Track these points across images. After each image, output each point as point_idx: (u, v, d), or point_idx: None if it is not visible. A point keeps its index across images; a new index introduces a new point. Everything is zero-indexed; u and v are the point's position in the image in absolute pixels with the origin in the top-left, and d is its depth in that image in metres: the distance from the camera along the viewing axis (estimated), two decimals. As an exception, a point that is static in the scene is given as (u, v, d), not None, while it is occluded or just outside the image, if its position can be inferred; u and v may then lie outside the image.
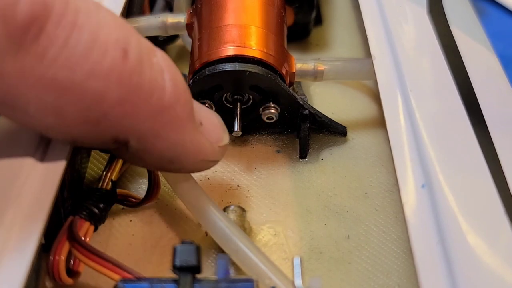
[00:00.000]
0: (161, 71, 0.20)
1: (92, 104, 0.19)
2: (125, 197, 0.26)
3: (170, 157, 0.21)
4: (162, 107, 0.20)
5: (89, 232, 0.23)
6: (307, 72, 0.30)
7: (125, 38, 0.19)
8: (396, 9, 0.31)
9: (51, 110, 0.19)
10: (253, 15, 0.29)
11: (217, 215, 0.24)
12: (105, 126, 0.19)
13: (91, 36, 0.18)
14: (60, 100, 0.18)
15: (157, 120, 0.20)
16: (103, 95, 0.19)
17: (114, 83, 0.19)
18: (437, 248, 0.20)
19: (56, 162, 0.22)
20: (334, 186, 0.28)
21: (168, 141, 0.21)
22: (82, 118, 0.19)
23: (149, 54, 0.20)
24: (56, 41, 0.17)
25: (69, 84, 0.18)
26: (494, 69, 0.28)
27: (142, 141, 0.20)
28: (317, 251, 0.25)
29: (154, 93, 0.20)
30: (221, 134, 0.23)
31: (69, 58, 0.18)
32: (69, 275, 0.22)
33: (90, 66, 0.18)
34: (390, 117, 0.25)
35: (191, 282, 0.19)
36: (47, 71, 0.18)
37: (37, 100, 0.18)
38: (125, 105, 0.19)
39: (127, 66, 0.19)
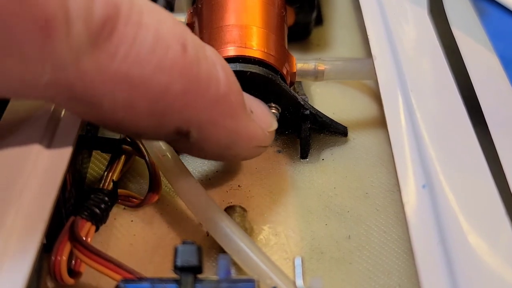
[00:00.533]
0: (214, 63, 0.21)
1: (159, 97, 0.20)
2: (127, 197, 0.26)
3: (227, 144, 0.23)
4: (219, 97, 0.21)
5: (91, 233, 0.23)
6: (308, 72, 0.30)
7: (183, 34, 0.21)
8: (397, 9, 0.31)
9: (123, 104, 0.20)
10: (253, 15, 0.29)
11: (218, 215, 0.24)
12: (170, 117, 0.21)
13: (155, 33, 0.20)
14: (131, 94, 0.20)
15: (215, 109, 0.21)
16: (168, 88, 0.20)
17: (177, 75, 0.20)
18: (438, 248, 0.20)
19: (57, 162, 0.22)
20: (335, 186, 0.28)
21: (225, 128, 0.22)
22: (150, 111, 0.20)
23: (202, 48, 0.21)
24: (126, 39, 0.19)
25: (139, 79, 0.19)
26: (495, 69, 0.28)
27: (202, 130, 0.22)
28: (318, 251, 0.25)
29: (211, 84, 0.21)
30: (270, 120, 0.25)
31: (137, 54, 0.19)
32: (71, 275, 0.22)
33: (156, 61, 0.19)
34: (391, 117, 0.25)
35: (193, 282, 0.19)
36: (120, 68, 0.19)
37: (111, 95, 0.19)
38: (187, 96, 0.20)
39: (187, 59, 0.20)
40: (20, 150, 0.22)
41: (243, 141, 0.23)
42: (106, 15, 0.18)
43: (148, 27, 0.19)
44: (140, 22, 0.19)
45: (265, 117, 0.25)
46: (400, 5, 0.31)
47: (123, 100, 0.20)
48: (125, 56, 0.19)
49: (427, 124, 0.24)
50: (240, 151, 0.24)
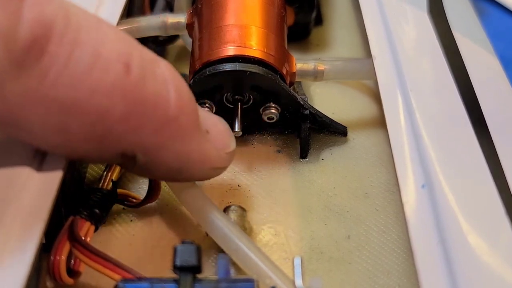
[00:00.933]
0: (165, 82, 0.20)
1: (97, 121, 0.19)
2: (126, 197, 0.26)
3: (178, 167, 0.21)
4: (167, 119, 0.20)
5: (90, 232, 0.23)
6: (308, 72, 0.30)
7: (127, 52, 0.19)
8: (396, 9, 0.31)
9: (56, 129, 0.18)
10: (253, 15, 0.29)
11: (216, 215, 0.24)
12: (111, 141, 0.19)
13: (93, 53, 0.18)
14: (64, 119, 0.18)
15: (163, 132, 0.20)
16: (107, 111, 0.18)
17: (118, 98, 0.18)
18: (438, 248, 0.20)
19: (56, 162, 0.22)
20: (335, 186, 0.28)
21: (174, 152, 0.20)
22: (88, 135, 0.19)
23: (152, 66, 0.20)
24: (58, 60, 0.17)
25: (73, 103, 0.18)
26: (494, 69, 0.28)
27: (149, 154, 0.20)
28: (317, 251, 0.25)
29: (158, 106, 0.19)
30: (228, 141, 0.23)
31: (71, 76, 0.18)
32: (70, 275, 0.22)
33: (93, 83, 0.18)
34: (391, 117, 0.25)
35: (192, 282, 0.19)
36: (50, 91, 0.17)
37: (41, 120, 0.18)
38: (129, 120, 0.19)
39: (130, 80, 0.19)
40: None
41: (195, 164, 0.22)
42: (33, 36, 0.17)
43: (85, 46, 0.18)
44: (76, 41, 0.18)
45: (222, 137, 0.23)
46: (400, 5, 0.31)
47: (56, 125, 0.18)
48: (56, 79, 0.17)
49: (427, 124, 0.24)
50: (193, 174, 0.22)
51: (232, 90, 0.28)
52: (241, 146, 0.30)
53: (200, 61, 0.28)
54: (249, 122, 0.29)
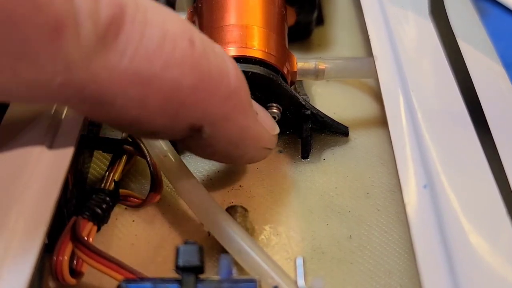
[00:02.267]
0: (223, 59, 0.22)
1: (171, 93, 0.20)
2: (128, 197, 0.26)
3: (237, 141, 0.23)
4: (230, 92, 0.21)
5: (92, 233, 0.23)
6: (309, 71, 0.30)
7: (189, 30, 0.21)
8: (398, 9, 0.31)
9: (136, 103, 0.20)
10: (254, 15, 0.29)
11: (219, 215, 0.24)
12: (183, 113, 0.21)
13: (161, 30, 0.20)
14: (143, 92, 0.20)
15: (227, 104, 0.22)
16: (179, 83, 0.20)
17: (187, 70, 0.20)
18: (439, 248, 0.20)
19: (59, 162, 0.22)
20: (336, 186, 0.28)
21: (236, 124, 0.22)
22: (163, 108, 0.20)
23: (210, 44, 0.22)
24: (133, 37, 0.19)
25: (150, 76, 0.19)
26: (496, 69, 0.28)
27: (215, 126, 0.22)
28: (319, 251, 0.25)
29: (222, 79, 0.21)
30: (273, 124, 0.26)
31: (146, 51, 0.19)
32: (72, 275, 0.22)
33: (166, 57, 0.20)
34: (392, 117, 0.25)
35: (194, 282, 0.19)
36: (129, 66, 0.19)
37: (123, 93, 0.19)
38: (199, 91, 0.21)
39: (195, 54, 0.20)
40: (22, 151, 0.22)
41: (251, 140, 0.24)
42: (112, 15, 0.19)
43: (154, 25, 0.20)
44: (145, 20, 0.19)
45: (269, 120, 0.25)
46: (401, 5, 0.31)
47: (135, 98, 0.20)
48: (134, 54, 0.19)
49: (428, 124, 0.24)
50: (248, 150, 0.24)
51: (233, 91, 0.28)
52: (242, 146, 0.30)
53: (201, 61, 0.28)
54: (250, 122, 0.29)
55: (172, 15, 0.21)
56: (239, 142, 0.23)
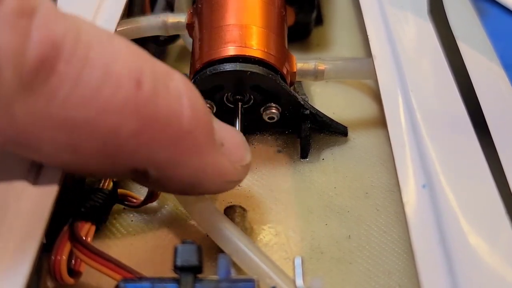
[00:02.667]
0: (179, 96, 0.19)
1: (107, 139, 0.18)
2: (126, 197, 0.26)
3: (192, 182, 0.21)
4: (180, 134, 0.19)
5: (90, 232, 0.23)
6: (308, 71, 0.30)
7: (139, 67, 0.19)
8: (397, 9, 0.31)
9: (66, 148, 0.18)
10: (254, 15, 0.29)
11: (216, 216, 0.24)
12: (122, 158, 0.19)
13: (103, 70, 0.18)
14: (74, 138, 0.18)
15: (176, 148, 0.19)
16: (118, 129, 0.18)
17: (129, 115, 0.18)
18: (438, 248, 0.20)
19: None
20: (335, 186, 0.28)
21: (188, 167, 0.20)
22: (98, 153, 0.19)
23: (165, 79, 0.19)
24: (67, 80, 0.17)
25: (83, 122, 0.18)
26: (495, 69, 0.28)
27: (161, 170, 0.20)
28: (318, 251, 0.25)
29: (171, 121, 0.19)
30: (243, 153, 0.22)
31: (81, 96, 0.17)
32: (71, 275, 0.22)
33: (103, 102, 0.18)
34: (391, 117, 0.25)
35: (192, 282, 0.19)
36: (59, 111, 0.17)
37: (50, 139, 0.18)
38: (141, 137, 0.19)
39: (141, 96, 0.18)
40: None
41: (210, 178, 0.21)
42: (42, 56, 0.16)
43: (95, 64, 0.17)
44: (86, 59, 0.17)
45: (237, 150, 0.22)
46: (400, 5, 0.31)
47: (65, 144, 0.18)
48: (66, 99, 0.17)
49: (427, 124, 0.24)
50: (207, 188, 0.22)
51: (232, 90, 0.28)
52: (241, 146, 0.30)
53: (200, 61, 0.28)
54: (249, 122, 0.29)
55: (124, 48, 0.19)
56: (195, 183, 0.21)
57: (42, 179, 0.21)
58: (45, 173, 0.21)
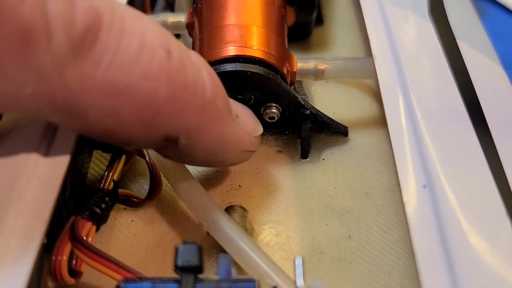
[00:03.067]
0: (199, 69, 0.21)
1: (146, 104, 0.20)
2: (127, 197, 0.26)
3: (215, 149, 0.23)
4: (205, 102, 0.21)
5: (91, 232, 0.23)
6: (308, 71, 0.30)
7: (167, 39, 0.20)
8: (397, 9, 0.31)
9: (110, 113, 0.19)
10: (254, 15, 0.29)
11: (218, 215, 0.24)
12: (158, 124, 0.20)
13: (139, 40, 0.19)
14: (118, 103, 0.19)
15: (202, 114, 0.21)
16: (155, 95, 0.20)
17: (163, 82, 0.20)
18: (439, 248, 0.20)
19: (58, 162, 0.22)
20: (336, 186, 0.28)
21: (212, 133, 0.22)
22: (138, 119, 0.20)
23: (187, 54, 0.21)
24: (109, 47, 0.18)
25: (125, 87, 0.19)
26: (495, 69, 0.28)
27: (190, 136, 0.21)
28: (318, 251, 0.25)
29: (197, 90, 0.21)
30: (256, 125, 0.25)
31: (122, 62, 0.19)
32: (71, 275, 0.22)
33: (142, 68, 0.19)
34: (391, 117, 0.25)
35: (193, 282, 0.19)
36: (104, 76, 0.18)
37: (96, 104, 0.19)
38: (174, 103, 0.20)
39: (172, 65, 0.20)
40: (21, 150, 0.22)
41: (230, 146, 0.23)
42: (88, 24, 0.18)
43: (131, 34, 0.19)
44: (123, 29, 0.19)
45: (250, 121, 0.25)
46: (401, 5, 0.31)
47: (109, 109, 0.19)
48: (110, 64, 0.18)
49: (428, 123, 0.24)
50: (227, 156, 0.24)
51: (233, 90, 0.28)
52: (242, 146, 0.30)
53: (201, 61, 0.28)
54: (250, 122, 0.29)
55: (150, 23, 0.20)
56: (217, 150, 0.23)
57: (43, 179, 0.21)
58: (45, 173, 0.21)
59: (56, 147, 0.22)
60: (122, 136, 0.21)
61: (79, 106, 0.19)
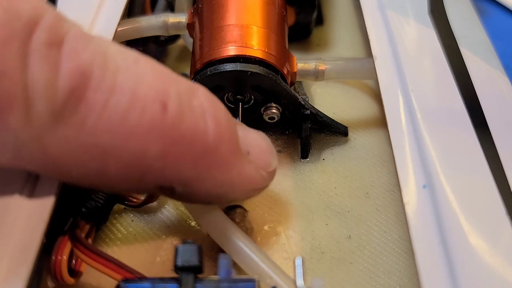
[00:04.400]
0: (203, 113, 0.19)
1: (134, 162, 0.18)
2: (127, 197, 0.26)
3: (218, 194, 0.21)
4: (206, 151, 0.19)
5: (91, 232, 0.23)
6: (309, 71, 0.30)
7: (164, 89, 0.18)
8: (397, 9, 0.31)
9: (94, 172, 0.18)
10: (254, 15, 0.29)
11: (217, 215, 0.24)
12: (148, 178, 0.19)
13: (130, 95, 0.18)
14: (102, 163, 0.18)
15: (201, 164, 0.19)
16: (145, 153, 0.18)
17: (155, 139, 0.18)
18: (439, 248, 0.20)
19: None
20: (336, 186, 0.28)
21: (214, 181, 0.20)
22: (125, 175, 0.19)
23: (189, 98, 0.19)
24: (95, 106, 0.17)
25: (111, 148, 0.18)
26: (495, 69, 0.28)
27: (188, 186, 0.20)
28: (318, 251, 0.25)
29: (196, 140, 0.19)
30: (270, 159, 0.22)
31: (109, 121, 0.17)
32: (71, 275, 0.22)
33: (130, 126, 0.17)
34: (392, 117, 0.25)
35: (193, 282, 0.19)
36: (88, 139, 0.17)
37: (79, 165, 0.18)
38: (166, 158, 0.18)
39: (167, 119, 0.18)
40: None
41: (236, 188, 0.21)
42: (71, 87, 0.17)
43: (122, 90, 0.17)
44: (113, 85, 0.17)
45: (263, 156, 0.22)
46: (401, 5, 0.31)
47: (94, 169, 0.18)
48: (94, 126, 0.17)
49: (428, 124, 0.24)
50: (234, 197, 0.22)
51: (233, 90, 0.28)
52: (242, 146, 0.30)
53: (201, 61, 0.28)
54: (250, 122, 0.29)
55: (149, 71, 0.18)
56: (222, 194, 0.21)
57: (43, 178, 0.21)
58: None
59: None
60: (110, 188, 0.20)
61: (61, 167, 0.18)
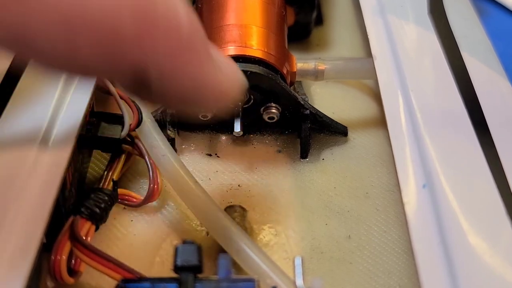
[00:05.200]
0: (175, 5, 0.19)
1: (105, 39, 0.18)
2: (127, 196, 0.26)
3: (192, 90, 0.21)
4: (181, 43, 0.19)
5: (90, 232, 0.23)
6: (308, 71, 0.30)
7: None
8: (397, 9, 0.31)
9: (62, 43, 0.18)
10: (254, 15, 0.29)
11: (218, 215, 0.24)
12: (124, 59, 0.19)
13: None
14: (70, 32, 0.17)
15: (177, 55, 0.19)
16: (117, 30, 0.18)
17: (127, 17, 0.18)
18: (438, 248, 0.20)
19: (57, 161, 0.22)
20: (335, 186, 0.28)
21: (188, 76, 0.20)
22: (97, 52, 0.18)
23: None
24: None
25: (78, 14, 0.17)
26: (495, 69, 0.28)
27: (163, 78, 0.20)
28: (318, 251, 0.25)
29: (171, 28, 0.19)
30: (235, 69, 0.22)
31: None
32: (70, 275, 0.22)
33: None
34: (391, 117, 0.25)
35: (193, 281, 0.19)
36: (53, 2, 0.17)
37: (48, 34, 0.17)
38: (142, 41, 0.18)
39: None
40: (20, 149, 0.22)
41: (208, 88, 0.21)
42: None
43: None
44: None
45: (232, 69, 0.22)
46: (401, 5, 0.31)
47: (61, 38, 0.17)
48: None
49: (428, 124, 0.24)
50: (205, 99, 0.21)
51: (232, 90, 0.28)
52: (241, 146, 0.30)
53: (200, 61, 0.28)
54: (249, 122, 0.29)
55: None
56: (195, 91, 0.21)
57: (42, 179, 0.21)
58: (44, 173, 0.21)
59: (56, 146, 0.22)
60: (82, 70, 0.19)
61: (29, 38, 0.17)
